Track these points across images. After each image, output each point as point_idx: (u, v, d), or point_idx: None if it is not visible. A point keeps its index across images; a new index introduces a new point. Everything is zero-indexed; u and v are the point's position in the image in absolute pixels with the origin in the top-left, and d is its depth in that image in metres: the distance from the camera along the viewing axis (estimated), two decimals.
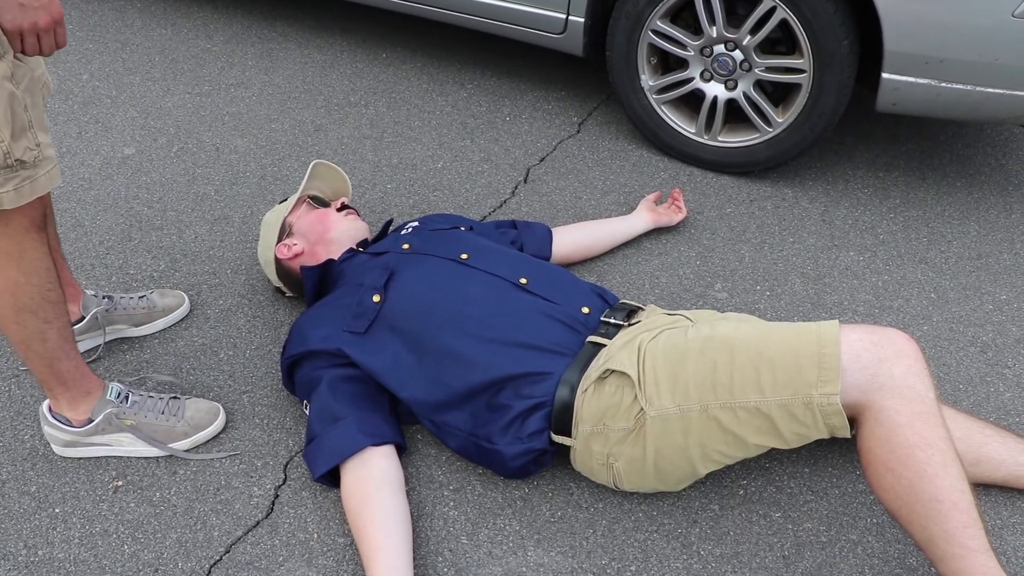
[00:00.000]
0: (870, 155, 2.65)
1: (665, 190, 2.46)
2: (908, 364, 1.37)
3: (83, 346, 1.87)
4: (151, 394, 1.74)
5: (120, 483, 1.66)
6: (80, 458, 1.70)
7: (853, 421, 1.42)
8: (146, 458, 1.70)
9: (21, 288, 1.45)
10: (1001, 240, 2.34)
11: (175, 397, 1.75)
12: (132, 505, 1.62)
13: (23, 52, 1.30)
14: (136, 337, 1.97)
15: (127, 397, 1.69)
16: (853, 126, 2.77)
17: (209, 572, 1.52)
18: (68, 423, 1.65)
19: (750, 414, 1.42)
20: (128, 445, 1.69)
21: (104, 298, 1.91)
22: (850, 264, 2.24)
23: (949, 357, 1.99)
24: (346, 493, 1.56)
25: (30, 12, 1.26)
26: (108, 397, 1.67)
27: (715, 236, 2.31)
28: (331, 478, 1.63)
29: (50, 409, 1.66)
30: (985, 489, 1.69)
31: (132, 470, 1.68)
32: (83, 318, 1.85)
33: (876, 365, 1.37)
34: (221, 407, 1.77)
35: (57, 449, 1.69)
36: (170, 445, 1.70)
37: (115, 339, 1.95)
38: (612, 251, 2.24)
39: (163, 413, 1.71)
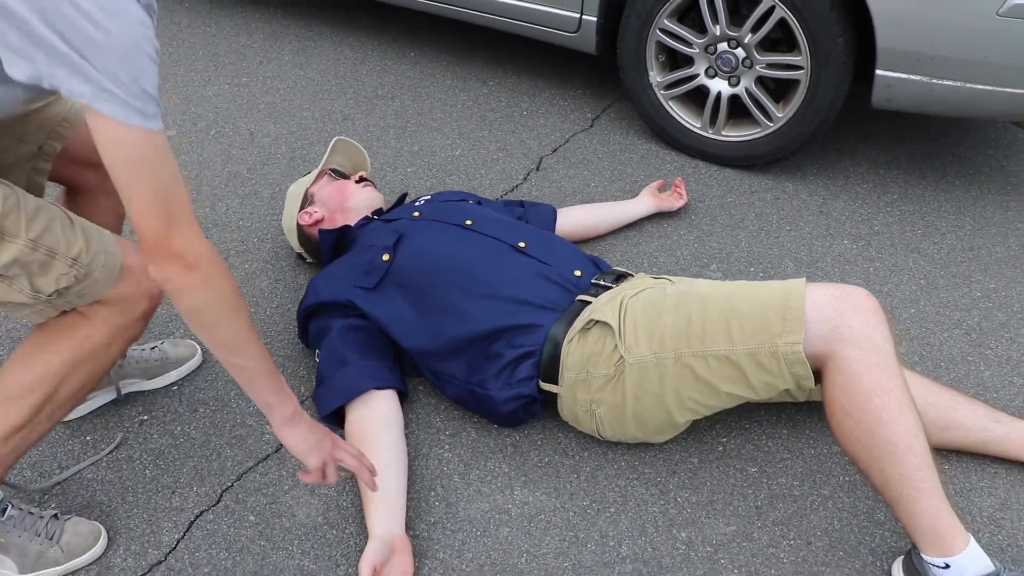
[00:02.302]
0: (872, 154, 2.75)
1: (669, 180, 2.59)
2: (866, 317, 1.48)
3: (92, 404, 1.80)
4: (31, 510, 1.52)
5: (146, 418, 1.81)
6: None
7: (818, 374, 1.52)
8: (169, 396, 1.86)
9: (64, 385, 1.38)
10: (995, 235, 2.43)
11: (56, 516, 1.54)
12: (155, 436, 1.78)
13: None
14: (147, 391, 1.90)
15: (4, 510, 1.49)
16: (857, 128, 2.88)
17: (221, 496, 1.67)
18: None
19: (720, 362, 1.53)
20: None
21: None
22: (843, 251, 2.34)
23: (933, 338, 2.08)
24: (349, 430, 1.70)
25: (318, 449, 1.37)
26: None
27: (714, 222, 2.43)
28: (336, 419, 1.77)
29: None
30: (957, 455, 1.77)
31: (157, 407, 1.84)
32: None
33: (837, 317, 1.47)
34: (103, 528, 1.58)
35: None
36: (37, 573, 1.50)
37: (128, 393, 1.87)
38: (614, 232, 2.36)
39: (39, 535, 1.50)
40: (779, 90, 2.53)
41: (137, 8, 1.07)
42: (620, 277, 1.84)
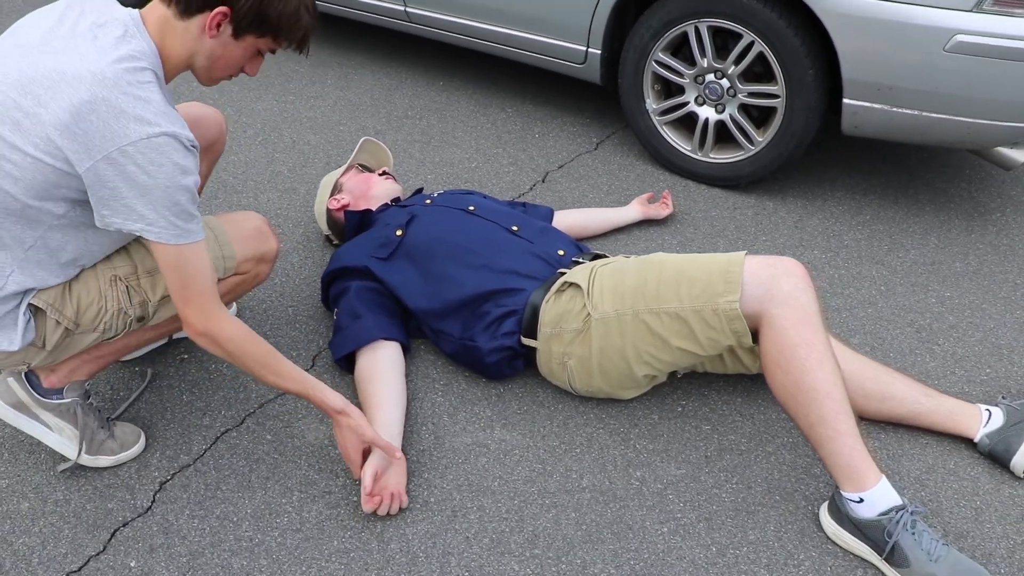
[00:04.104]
0: (851, 182, 3.02)
1: (658, 193, 2.88)
2: (795, 281, 1.73)
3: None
4: (98, 407, 1.87)
5: (186, 356, 2.12)
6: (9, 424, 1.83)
7: (756, 335, 1.78)
8: None
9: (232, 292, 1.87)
10: (957, 252, 2.67)
11: (108, 417, 1.90)
12: (192, 371, 2.08)
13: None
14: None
15: (88, 395, 1.80)
16: (839, 159, 3.15)
17: (244, 419, 1.96)
18: (37, 383, 1.74)
19: (671, 319, 1.80)
20: (54, 432, 1.77)
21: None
22: (812, 259, 2.60)
23: (885, 333, 2.31)
24: (359, 370, 1.99)
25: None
26: (86, 386, 1.80)
27: (696, 231, 2.71)
28: (348, 364, 2.06)
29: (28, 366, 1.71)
30: (894, 426, 2.00)
31: (196, 348, 2.15)
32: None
33: (769, 281, 1.73)
34: (142, 432, 1.90)
35: None
36: (98, 457, 1.81)
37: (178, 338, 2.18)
38: (604, 234, 2.65)
39: (103, 428, 1.82)
40: (760, 117, 2.82)
41: (176, 152, 1.43)
42: (597, 257, 2.12)
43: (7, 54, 1.44)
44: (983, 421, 1.95)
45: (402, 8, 3.32)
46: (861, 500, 1.67)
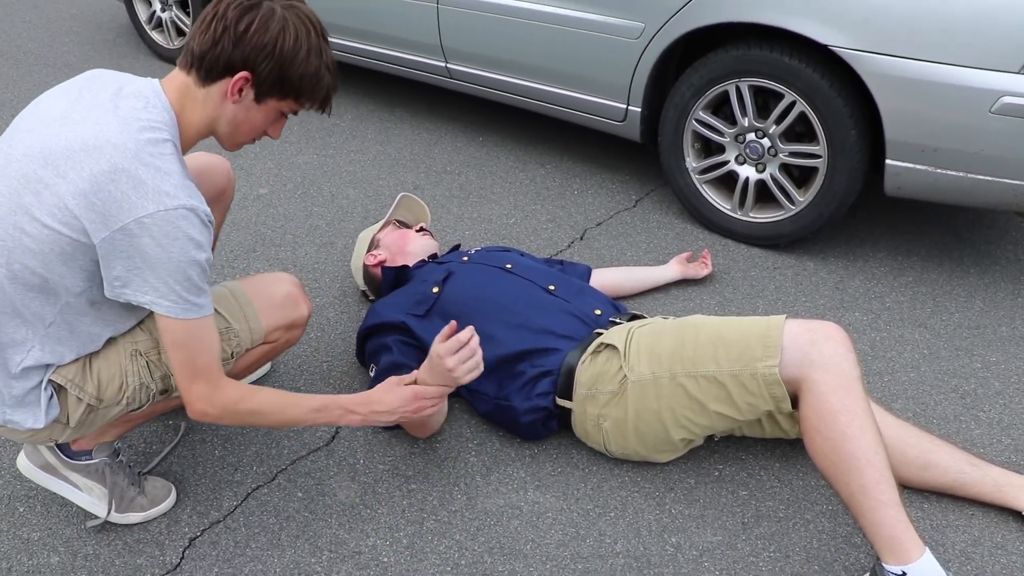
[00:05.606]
0: (893, 243, 2.98)
1: (697, 252, 2.86)
2: (835, 346, 1.70)
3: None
4: (128, 463, 1.86)
5: None
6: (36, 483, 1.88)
7: (796, 401, 1.74)
8: None
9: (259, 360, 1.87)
10: (1003, 316, 2.61)
11: (139, 472, 1.90)
12: (225, 426, 2.08)
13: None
14: None
15: (117, 453, 1.81)
16: (881, 220, 3.11)
17: (276, 476, 1.95)
18: (65, 445, 1.75)
19: (709, 382, 1.77)
20: (84, 492, 1.79)
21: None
22: (853, 321, 2.55)
23: (928, 399, 2.26)
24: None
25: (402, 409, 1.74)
26: (115, 445, 1.81)
27: (736, 291, 2.68)
28: None
29: None
30: (937, 496, 1.94)
31: None
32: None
33: (809, 345, 1.70)
34: (173, 487, 1.90)
35: (24, 465, 1.78)
36: (128, 514, 1.82)
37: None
38: (642, 294, 2.63)
39: (133, 484, 1.83)
40: (801, 176, 2.80)
41: (192, 226, 1.42)
42: (634, 317, 2.10)
43: (30, 129, 1.46)
44: None
45: (443, 65, 3.37)
46: (904, 574, 1.61)
